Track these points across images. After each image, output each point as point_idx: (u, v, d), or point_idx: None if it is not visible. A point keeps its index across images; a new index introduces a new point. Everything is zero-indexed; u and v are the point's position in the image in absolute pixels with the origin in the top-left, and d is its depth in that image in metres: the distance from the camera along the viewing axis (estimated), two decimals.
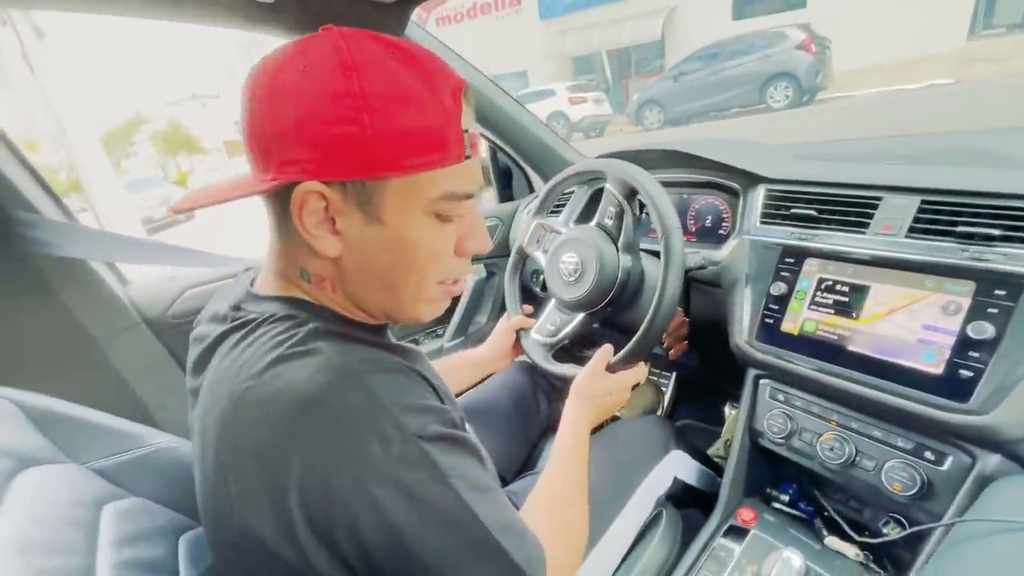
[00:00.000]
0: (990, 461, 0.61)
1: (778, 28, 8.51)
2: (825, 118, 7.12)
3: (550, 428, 1.12)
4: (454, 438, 0.44)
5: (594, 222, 0.94)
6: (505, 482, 0.91)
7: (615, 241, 0.91)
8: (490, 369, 1.00)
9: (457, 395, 1.43)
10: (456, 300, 1.40)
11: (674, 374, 1.47)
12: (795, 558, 0.63)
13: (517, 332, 1.03)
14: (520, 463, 1.01)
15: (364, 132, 0.39)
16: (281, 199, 0.43)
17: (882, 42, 9.85)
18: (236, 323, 0.47)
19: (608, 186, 0.91)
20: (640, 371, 0.86)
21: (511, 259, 1.09)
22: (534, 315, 1.05)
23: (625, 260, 0.92)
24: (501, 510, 0.45)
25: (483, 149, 1.46)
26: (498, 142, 1.37)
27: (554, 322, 1.00)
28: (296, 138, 0.40)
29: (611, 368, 0.84)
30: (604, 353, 0.84)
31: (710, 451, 1.15)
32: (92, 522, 0.47)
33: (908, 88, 7.82)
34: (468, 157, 0.44)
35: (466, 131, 0.44)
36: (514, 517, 0.47)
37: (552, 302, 1.02)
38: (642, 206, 0.88)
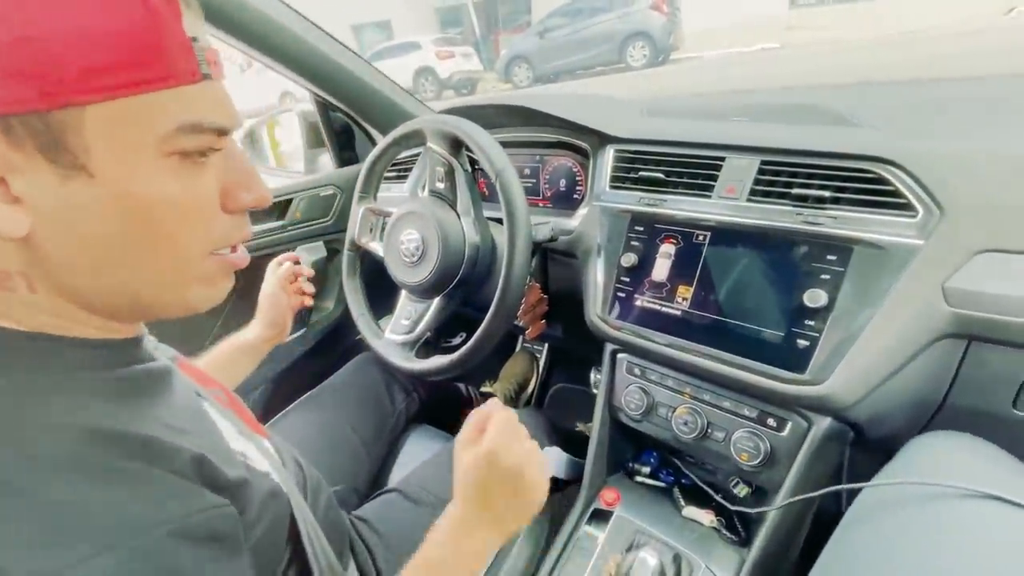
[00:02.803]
0: (822, 425, 0.62)
1: None
2: (679, 78, 7.59)
3: (410, 424, 1.01)
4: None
5: (426, 191, 0.82)
6: (357, 503, 0.78)
7: (453, 206, 0.80)
8: (271, 346, 0.81)
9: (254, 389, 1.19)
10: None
11: (546, 345, 1.43)
12: (650, 558, 0.60)
13: (294, 281, 0.85)
14: (371, 476, 0.89)
15: (24, 34, 0.25)
16: None
17: (722, 5, 10.68)
18: None
19: (430, 144, 0.79)
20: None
21: (345, 255, 0.93)
22: (388, 313, 0.91)
23: (471, 232, 0.81)
24: None
25: (311, 105, 1.23)
26: (330, 98, 1.15)
27: (408, 315, 0.87)
28: None
29: (465, 358, 0.73)
30: (495, 415, 0.52)
31: (583, 426, 1.13)
32: None
33: (744, 51, 8.59)
34: (207, 76, 0.31)
35: (195, 40, 0.31)
36: None
37: (403, 293, 0.89)
38: (473, 162, 0.77)
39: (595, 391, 0.99)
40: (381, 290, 0.96)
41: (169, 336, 0.48)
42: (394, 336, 0.87)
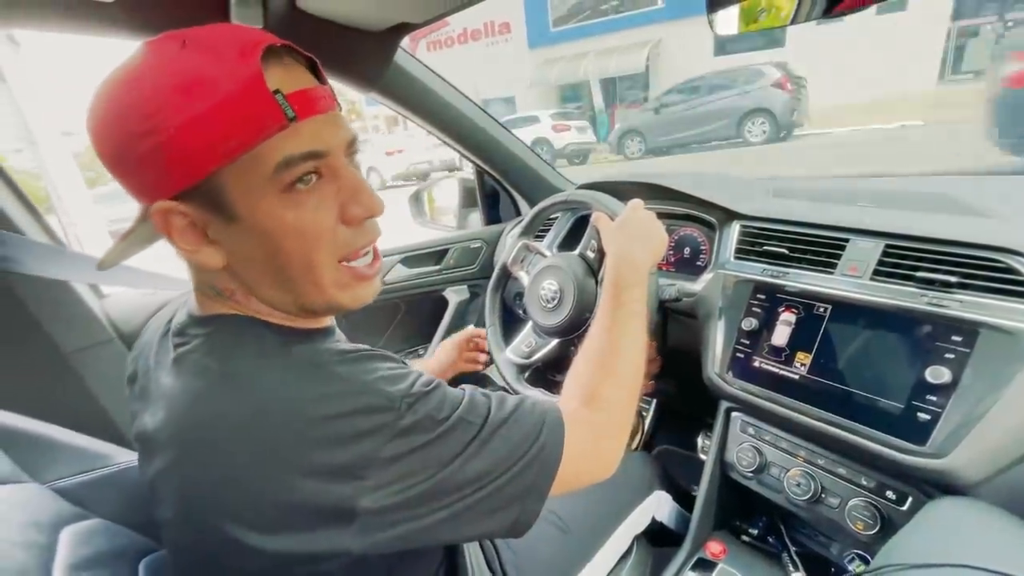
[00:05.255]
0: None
1: (756, 65, 8.83)
2: (801, 154, 7.36)
3: None
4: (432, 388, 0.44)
5: (577, 251, 0.96)
6: None
7: (595, 274, 0.93)
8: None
9: None
10: (439, 320, 1.40)
11: (655, 400, 1.48)
12: None
13: (472, 346, 1.03)
14: None
15: (163, 137, 0.36)
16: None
17: (857, 81, 10.29)
18: (183, 349, 0.45)
19: (592, 219, 0.93)
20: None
21: (494, 275, 1.11)
22: (511, 335, 1.06)
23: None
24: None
25: (469, 170, 1.49)
26: (484, 165, 1.39)
27: (529, 344, 1.01)
28: (123, 163, 0.39)
29: None
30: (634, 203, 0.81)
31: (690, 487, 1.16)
32: (48, 544, 0.46)
33: (882, 128, 8.15)
34: (293, 119, 0.39)
35: (277, 92, 0.38)
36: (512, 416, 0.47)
37: (529, 324, 1.03)
38: None
39: (702, 456, 1.03)
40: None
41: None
42: (513, 356, 1.01)
